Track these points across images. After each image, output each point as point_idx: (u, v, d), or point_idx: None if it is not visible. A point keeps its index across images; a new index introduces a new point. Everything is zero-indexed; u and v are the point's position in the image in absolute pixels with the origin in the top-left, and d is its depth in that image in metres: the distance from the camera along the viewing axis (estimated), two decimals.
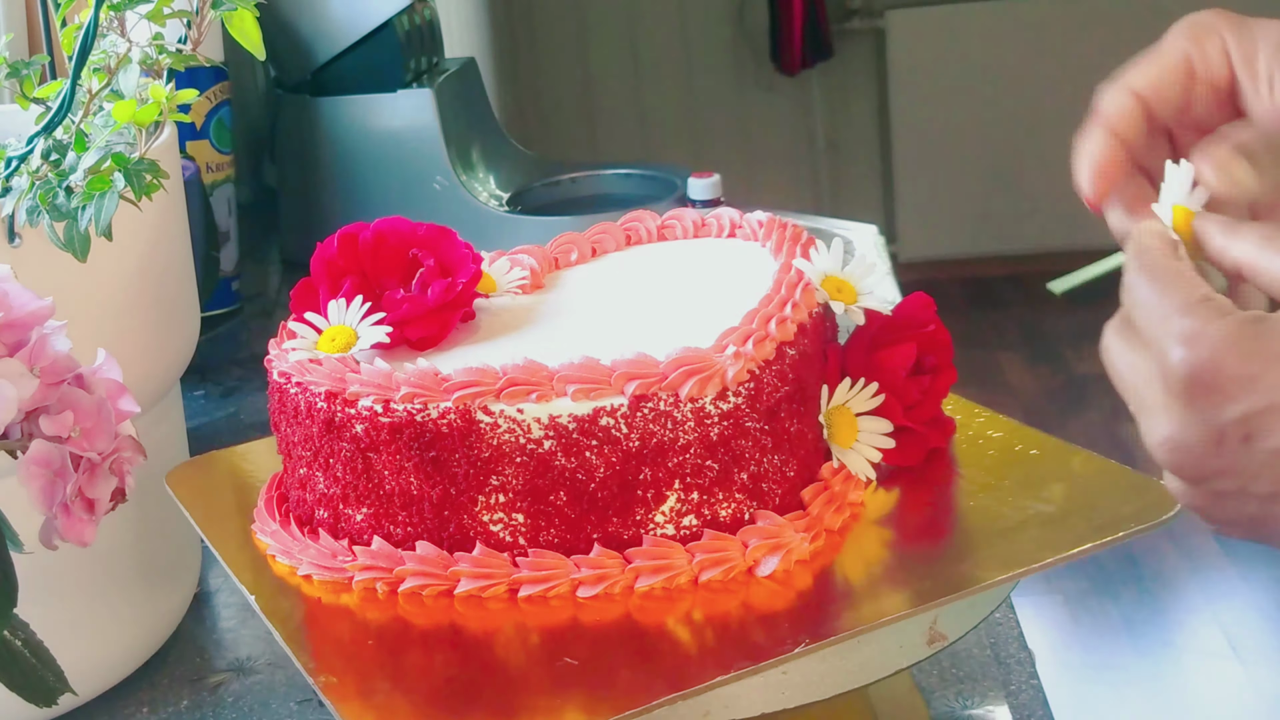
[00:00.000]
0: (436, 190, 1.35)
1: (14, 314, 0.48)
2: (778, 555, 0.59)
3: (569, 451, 0.57)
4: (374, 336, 0.63)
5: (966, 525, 0.63)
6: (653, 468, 0.58)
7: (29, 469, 0.47)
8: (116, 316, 0.70)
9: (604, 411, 0.57)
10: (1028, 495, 0.64)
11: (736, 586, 0.58)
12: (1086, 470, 0.66)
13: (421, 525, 0.59)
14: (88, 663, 0.71)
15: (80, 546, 0.49)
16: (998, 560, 0.59)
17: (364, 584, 0.60)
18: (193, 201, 0.90)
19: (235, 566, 0.63)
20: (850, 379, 0.66)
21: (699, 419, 0.58)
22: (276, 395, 0.64)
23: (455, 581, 0.58)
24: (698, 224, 0.76)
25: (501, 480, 0.58)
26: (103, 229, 0.61)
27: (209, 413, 1.07)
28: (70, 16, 0.67)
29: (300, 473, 0.63)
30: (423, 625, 0.57)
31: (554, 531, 0.58)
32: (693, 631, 0.56)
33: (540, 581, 0.58)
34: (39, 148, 0.63)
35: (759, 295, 0.64)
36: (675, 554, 0.58)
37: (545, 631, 0.56)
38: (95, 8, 0.62)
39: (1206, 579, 2.47)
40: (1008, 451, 0.68)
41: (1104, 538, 0.60)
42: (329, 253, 0.67)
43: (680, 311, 0.67)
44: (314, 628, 0.59)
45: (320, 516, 0.62)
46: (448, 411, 0.58)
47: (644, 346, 0.59)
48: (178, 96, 0.63)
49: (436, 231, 0.68)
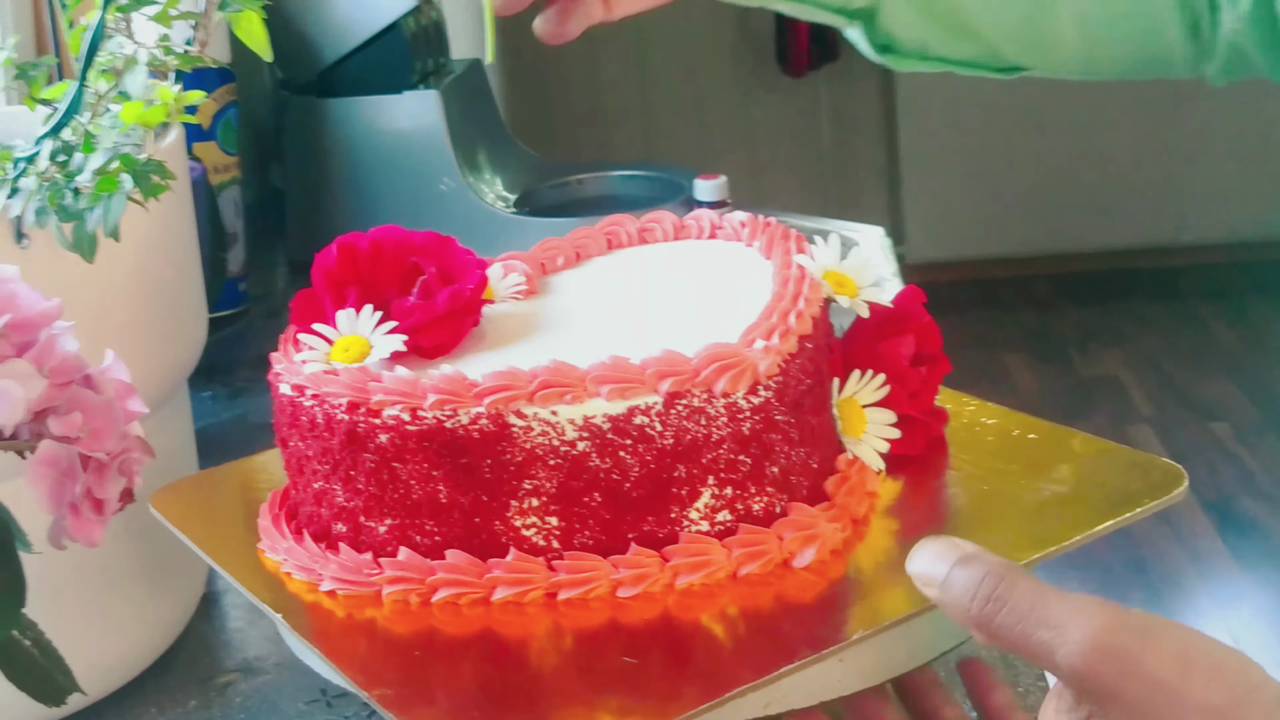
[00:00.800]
0: (443, 191, 1.35)
1: (22, 315, 0.48)
2: (813, 546, 0.59)
3: (603, 452, 0.57)
4: (389, 345, 0.62)
5: (987, 508, 0.64)
6: (687, 464, 0.58)
7: (37, 469, 0.47)
8: (124, 317, 0.70)
9: (638, 410, 0.57)
10: (1038, 477, 0.65)
11: (772, 579, 0.58)
12: (1088, 451, 0.68)
13: (450, 533, 0.58)
14: (96, 662, 0.71)
15: (89, 547, 0.49)
16: (1029, 540, 0.60)
17: (394, 596, 0.58)
18: (200, 203, 0.90)
19: (251, 586, 0.62)
20: (858, 371, 0.67)
21: (732, 414, 0.58)
22: (288, 409, 0.62)
23: (491, 589, 0.58)
24: (678, 226, 0.76)
25: (534, 484, 0.57)
26: (110, 230, 0.61)
27: (216, 413, 1.08)
28: (77, 18, 0.67)
29: (315, 487, 0.62)
30: (459, 633, 0.57)
31: (588, 533, 0.58)
32: (736, 625, 0.56)
33: (579, 584, 0.57)
34: (46, 149, 0.63)
35: (753, 293, 0.65)
36: (713, 550, 0.58)
37: (582, 634, 0.56)
38: (102, 9, 0.62)
39: (1214, 583, 2.47)
40: (1006, 437, 0.69)
41: (1124, 513, 0.61)
42: (328, 263, 0.66)
43: (679, 312, 0.67)
44: (348, 642, 0.58)
45: (338, 530, 0.61)
46: (479, 417, 0.57)
47: (661, 346, 0.59)
48: (185, 98, 0.63)
49: (435, 239, 0.67)
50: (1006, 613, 0.48)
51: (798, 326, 0.62)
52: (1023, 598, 0.48)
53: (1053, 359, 3.31)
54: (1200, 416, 3.00)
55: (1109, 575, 2.49)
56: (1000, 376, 3.21)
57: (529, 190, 1.43)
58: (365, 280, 0.66)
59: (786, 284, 0.64)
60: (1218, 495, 2.72)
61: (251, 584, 0.62)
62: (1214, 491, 2.73)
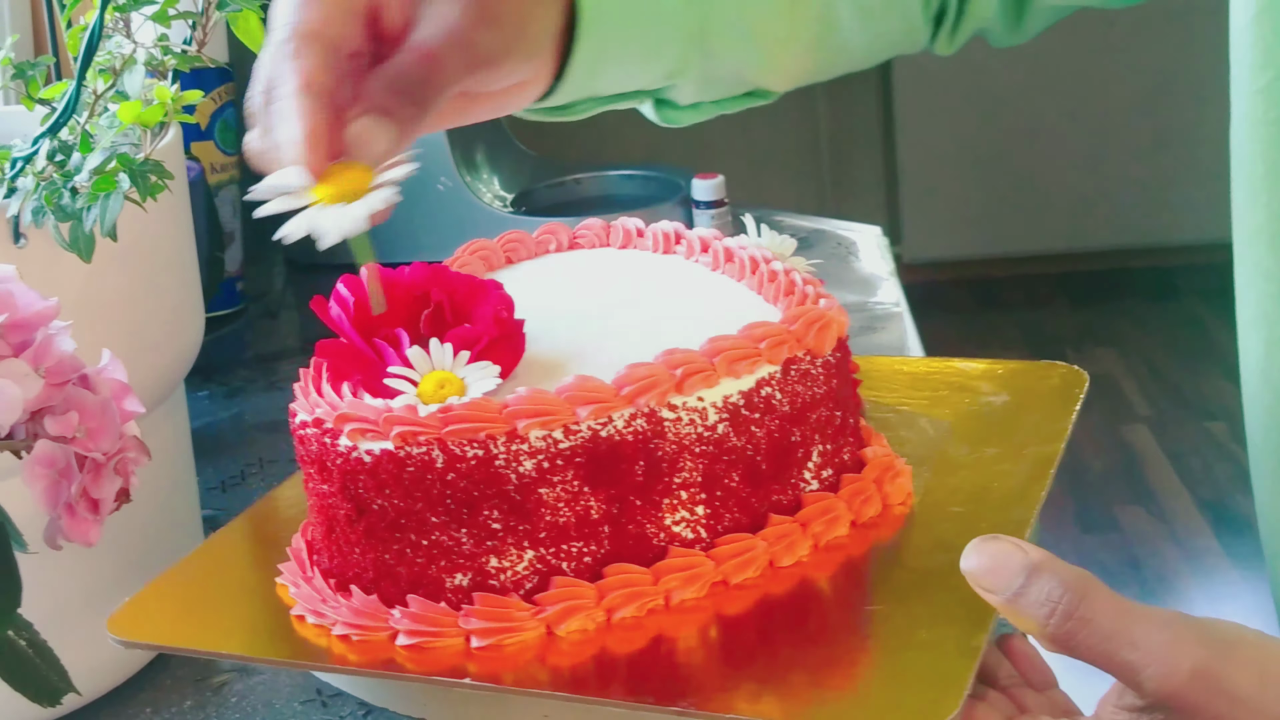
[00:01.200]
0: (440, 191, 1.35)
1: (19, 314, 0.48)
2: (902, 481, 0.63)
3: (739, 429, 0.58)
4: (485, 376, 0.57)
5: (978, 424, 0.69)
6: (801, 427, 0.60)
7: (33, 469, 0.47)
8: (121, 317, 0.70)
9: (764, 382, 0.59)
10: (979, 395, 0.71)
11: (874, 524, 0.62)
12: (981, 369, 0.74)
13: (600, 550, 0.56)
14: (91, 662, 0.71)
15: (85, 547, 0.49)
16: (1040, 436, 0.66)
17: (570, 628, 0.56)
18: (197, 202, 0.90)
19: (407, 671, 0.56)
20: None
21: (827, 372, 0.61)
22: (384, 465, 0.56)
23: (668, 592, 0.57)
24: (572, 238, 0.75)
25: (684, 476, 0.57)
26: (107, 230, 0.61)
27: (213, 413, 1.08)
28: (76, 18, 0.67)
29: (425, 543, 0.56)
30: (633, 648, 0.55)
31: (729, 516, 0.58)
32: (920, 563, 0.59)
33: (745, 565, 0.58)
34: (44, 149, 0.63)
35: (698, 283, 0.68)
36: (837, 505, 0.61)
37: (729, 620, 0.56)
38: (100, 9, 0.62)
39: (1210, 582, 2.47)
40: (903, 374, 0.75)
41: (1074, 407, 0.69)
42: (349, 308, 0.60)
43: (666, 309, 0.67)
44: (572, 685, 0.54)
45: (456, 583, 0.57)
46: (633, 417, 0.56)
47: (679, 340, 0.59)
48: (183, 97, 0.63)
49: (428, 270, 0.62)
50: (1089, 633, 0.47)
51: (820, 290, 0.64)
52: (1104, 617, 0.47)
53: (1048, 357, 3.30)
54: (1196, 415, 3.00)
55: (1103, 573, 2.48)
56: None
57: (526, 189, 1.43)
58: (385, 322, 0.60)
59: (759, 260, 0.66)
60: (1213, 494, 2.72)
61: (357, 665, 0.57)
62: (1209, 490, 2.73)
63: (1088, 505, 2.65)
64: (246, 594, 0.63)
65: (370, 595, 0.58)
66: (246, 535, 0.69)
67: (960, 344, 3.30)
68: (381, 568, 0.58)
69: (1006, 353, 3.55)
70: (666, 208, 1.28)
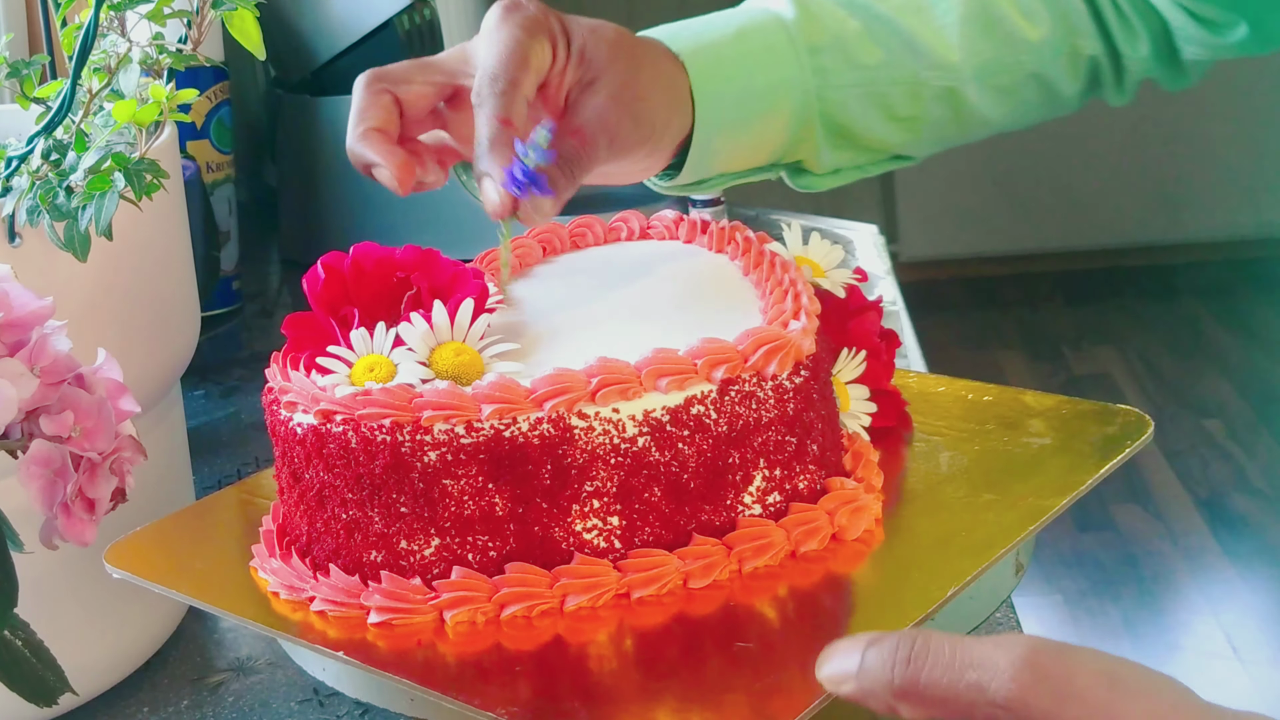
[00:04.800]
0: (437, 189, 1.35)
1: (14, 314, 0.48)
2: (861, 518, 0.61)
3: (663, 445, 0.57)
4: (412, 363, 0.60)
5: (991, 466, 0.66)
6: (740, 450, 0.59)
7: (29, 469, 0.47)
8: (117, 316, 0.70)
9: (695, 400, 0.57)
10: (1018, 433, 0.68)
11: (825, 555, 0.60)
12: (1045, 405, 0.71)
13: (506, 546, 0.57)
14: (88, 662, 0.71)
15: (81, 546, 0.49)
16: (1048, 488, 0.63)
17: (459, 617, 0.57)
18: (193, 201, 0.90)
19: (283, 629, 0.59)
20: (846, 349, 0.69)
21: (779, 396, 0.60)
22: (309, 439, 0.59)
23: (562, 597, 0.57)
24: (607, 229, 0.76)
25: (595, 485, 0.57)
26: (103, 229, 0.61)
27: (209, 412, 1.07)
28: (70, 16, 0.67)
29: (345, 517, 0.59)
30: (530, 647, 0.55)
31: (649, 530, 0.58)
32: (787, 606, 0.57)
33: (651, 581, 0.57)
34: (39, 147, 0.63)
35: (721, 284, 0.67)
36: (772, 531, 0.59)
37: (645, 633, 0.55)
38: (95, 8, 0.62)
39: (1207, 580, 2.47)
40: (963, 402, 0.72)
41: (1114, 456, 0.65)
42: (318, 285, 0.64)
43: (655, 309, 0.67)
44: (433, 670, 0.55)
45: (372, 559, 0.59)
46: (539, 422, 0.56)
47: (670, 342, 0.59)
48: (178, 96, 0.63)
49: (419, 253, 0.65)
50: (930, 667, 0.47)
51: (812, 306, 0.63)
52: (941, 647, 0.47)
53: (1046, 356, 3.32)
54: (1193, 413, 3.01)
55: (1100, 571, 2.49)
56: (993, 374, 3.22)
57: None
58: (354, 300, 0.64)
59: (774, 269, 0.65)
60: (1210, 492, 2.72)
61: (284, 628, 0.59)
62: (1206, 488, 2.73)
63: (1084, 503, 2.64)
64: (235, 545, 0.66)
65: (304, 560, 0.61)
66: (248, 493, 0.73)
67: (958, 343, 3.30)
68: (312, 535, 0.61)
69: (1005, 352, 3.55)
70: (663, 206, 1.28)
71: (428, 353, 0.61)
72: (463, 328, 0.61)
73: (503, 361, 0.61)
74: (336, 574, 0.59)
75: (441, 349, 0.61)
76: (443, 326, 0.61)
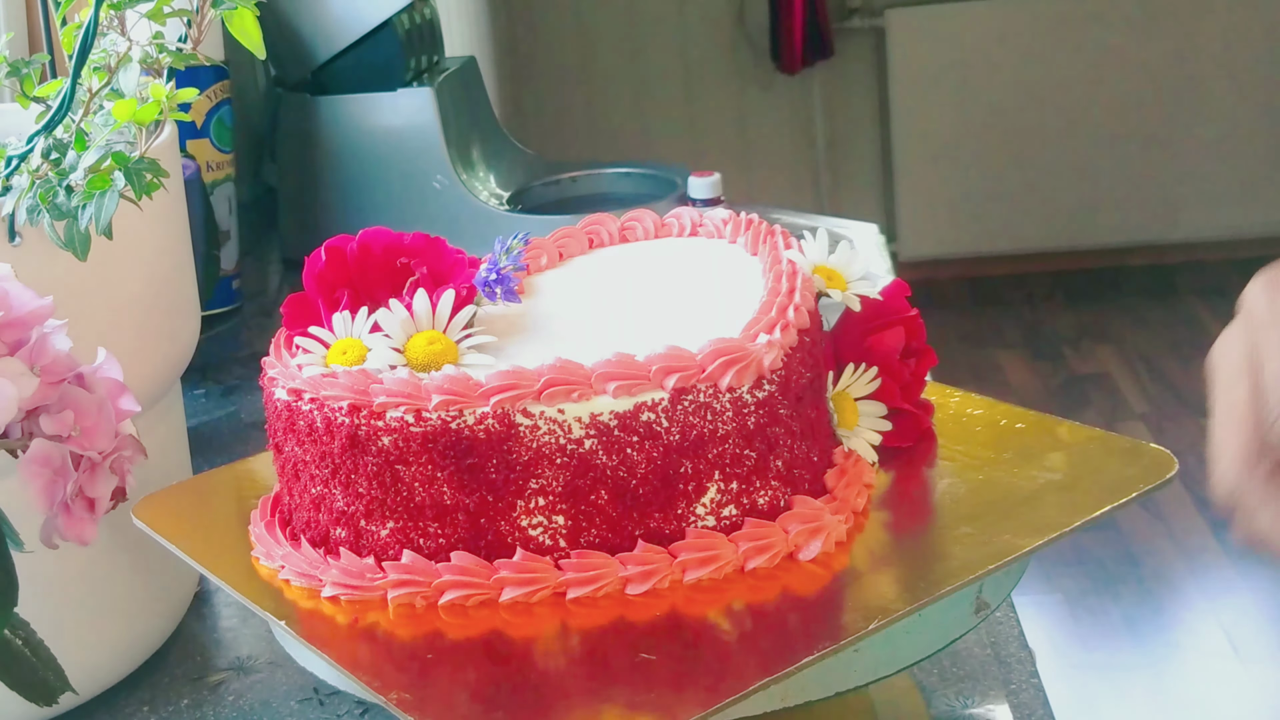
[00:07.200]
0: (436, 189, 1.35)
1: (14, 313, 0.48)
2: (819, 539, 0.60)
3: (610, 450, 0.57)
4: (387, 348, 0.62)
5: (985, 498, 0.64)
6: (693, 460, 0.58)
7: (30, 468, 0.47)
8: (117, 315, 0.70)
9: (645, 407, 0.57)
10: (1031, 466, 0.66)
11: (778, 573, 0.59)
12: (1076, 439, 0.69)
13: (455, 535, 0.58)
14: (88, 661, 0.71)
15: (81, 545, 0.49)
16: (1029, 527, 0.61)
17: (400, 599, 0.58)
18: (193, 200, 0.90)
19: (248, 593, 0.61)
20: (852, 365, 0.68)
21: (737, 409, 0.59)
22: (284, 414, 0.62)
23: (499, 590, 0.57)
24: (658, 224, 0.76)
25: (541, 483, 0.57)
26: (103, 228, 0.61)
27: (209, 411, 1.07)
28: (70, 15, 0.67)
29: (313, 492, 0.61)
30: (466, 635, 0.56)
31: (595, 532, 0.58)
32: (743, 620, 0.57)
33: (588, 582, 0.57)
34: (39, 147, 0.63)
35: (743, 289, 0.65)
36: (721, 544, 0.58)
37: (589, 633, 0.56)
38: (95, 7, 0.62)
39: (1206, 578, 2.47)
40: (994, 427, 0.70)
41: (1120, 499, 0.63)
42: (318, 266, 0.65)
43: (671, 310, 0.67)
44: (355, 647, 0.57)
45: (337, 536, 0.61)
46: (485, 417, 0.57)
47: (662, 343, 0.59)
48: (178, 95, 0.63)
49: (424, 240, 0.67)
50: None
51: (796, 320, 0.62)
52: None
53: (1046, 355, 3.32)
54: (1193, 412, 3.00)
55: (1100, 570, 2.49)
56: (993, 373, 3.22)
57: (522, 188, 1.43)
58: (355, 283, 0.65)
59: (780, 279, 0.65)
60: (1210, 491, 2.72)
61: (248, 591, 0.61)
62: (1206, 488, 2.73)
63: None
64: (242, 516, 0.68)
65: (284, 530, 0.63)
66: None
67: (959, 342, 3.30)
68: (292, 506, 0.63)
69: (1005, 351, 3.55)
70: (662, 205, 1.28)
71: (404, 339, 0.62)
72: (442, 318, 0.63)
73: (473, 354, 0.62)
74: (305, 547, 0.61)
75: (417, 337, 0.62)
76: (423, 315, 0.63)
